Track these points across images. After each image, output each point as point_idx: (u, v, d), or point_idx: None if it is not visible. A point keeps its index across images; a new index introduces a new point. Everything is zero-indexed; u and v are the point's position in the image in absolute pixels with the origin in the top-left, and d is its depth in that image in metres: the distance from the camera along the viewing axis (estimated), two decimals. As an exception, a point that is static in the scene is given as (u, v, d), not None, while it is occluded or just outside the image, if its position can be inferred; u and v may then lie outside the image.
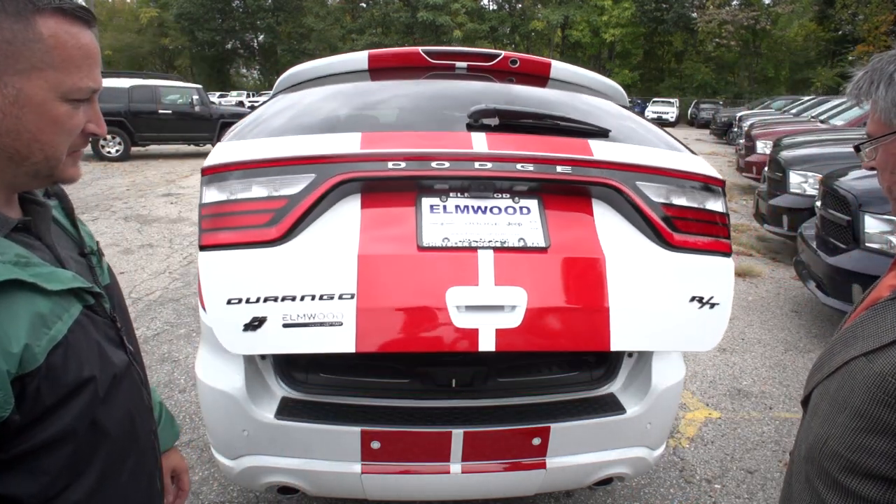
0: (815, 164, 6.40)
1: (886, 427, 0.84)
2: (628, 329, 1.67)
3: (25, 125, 0.77)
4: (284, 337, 1.56)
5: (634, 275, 1.71)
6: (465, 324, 1.59)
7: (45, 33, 0.76)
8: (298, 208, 1.64)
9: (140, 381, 1.01)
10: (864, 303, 1.05)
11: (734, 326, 4.87)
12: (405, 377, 2.20)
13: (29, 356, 0.74)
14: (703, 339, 1.76)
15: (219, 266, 1.60)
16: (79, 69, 0.80)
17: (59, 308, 0.80)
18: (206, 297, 1.59)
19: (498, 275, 1.63)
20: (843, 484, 0.90)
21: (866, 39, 27.01)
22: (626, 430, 2.11)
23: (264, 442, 1.98)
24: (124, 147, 13.81)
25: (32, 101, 0.77)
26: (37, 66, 0.76)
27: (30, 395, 0.74)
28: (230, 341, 1.59)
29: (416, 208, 1.73)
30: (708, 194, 1.88)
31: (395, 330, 1.59)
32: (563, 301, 1.67)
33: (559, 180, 1.76)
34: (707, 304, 1.73)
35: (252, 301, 1.55)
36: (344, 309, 1.56)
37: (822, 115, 12.00)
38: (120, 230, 7.45)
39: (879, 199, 4.18)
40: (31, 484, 0.77)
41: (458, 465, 2.00)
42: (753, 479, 2.93)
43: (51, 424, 0.77)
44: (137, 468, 0.95)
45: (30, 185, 0.86)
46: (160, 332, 4.48)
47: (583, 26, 42.11)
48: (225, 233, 1.63)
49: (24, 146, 0.79)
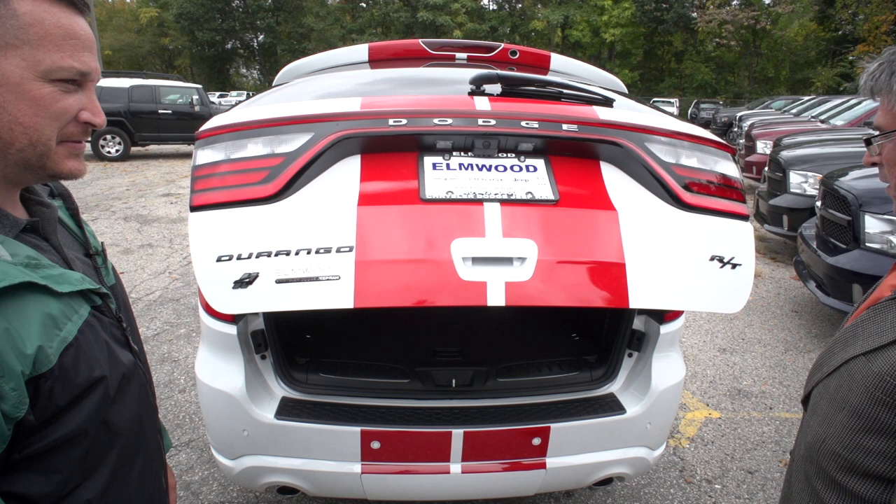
0: (815, 164, 6.40)
1: (884, 427, 0.84)
2: (647, 286, 1.55)
3: (4, 106, 0.75)
4: (278, 294, 1.44)
5: (649, 232, 1.62)
6: (472, 277, 1.48)
7: (20, 10, 0.75)
8: (295, 165, 1.58)
9: (146, 381, 1.02)
10: (866, 302, 1.04)
11: (734, 326, 4.87)
12: (405, 377, 2.20)
13: (42, 357, 0.74)
14: (728, 301, 1.63)
15: (210, 225, 1.51)
16: (59, 48, 0.78)
17: (69, 309, 0.80)
18: (195, 256, 1.48)
19: (506, 227, 1.53)
20: (840, 483, 0.90)
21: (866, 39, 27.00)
22: (626, 431, 2.11)
23: (264, 442, 1.98)
24: (124, 147, 13.82)
25: (9, 79, 0.75)
26: (11, 43, 0.74)
27: (43, 395, 0.75)
28: (219, 300, 1.45)
29: (419, 166, 1.66)
30: (719, 159, 1.81)
31: (397, 284, 1.47)
32: (576, 254, 1.56)
33: (566, 138, 1.69)
34: (728, 265, 1.62)
35: (244, 257, 1.45)
36: (342, 263, 1.46)
37: (822, 115, 12.00)
38: (120, 230, 7.45)
39: (879, 199, 4.18)
40: (44, 483, 0.77)
41: (458, 466, 2.00)
42: (753, 479, 2.93)
43: (64, 424, 0.78)
44: (146, 467, 0.96)
45: (25, 177, 0.84)
46: (160, 332, 4.48)
47: (583, 26, 42.12)
48: (217, 192, 1.56)
49: (6, 130, 0.77)
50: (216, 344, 2.02)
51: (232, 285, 1.44)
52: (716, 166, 1.80)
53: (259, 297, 1.44)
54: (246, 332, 2.04)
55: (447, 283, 1.46)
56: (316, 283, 1.44)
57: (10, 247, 0.78)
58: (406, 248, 1.51)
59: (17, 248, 0.78)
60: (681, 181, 1.71)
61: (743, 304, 1.63)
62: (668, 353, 2.23)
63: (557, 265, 1.53)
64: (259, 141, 1.62)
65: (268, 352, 2.09)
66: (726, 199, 1.75)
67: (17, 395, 0.71)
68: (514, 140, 1.70)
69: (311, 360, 2.26)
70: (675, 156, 1.75)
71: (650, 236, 1.61)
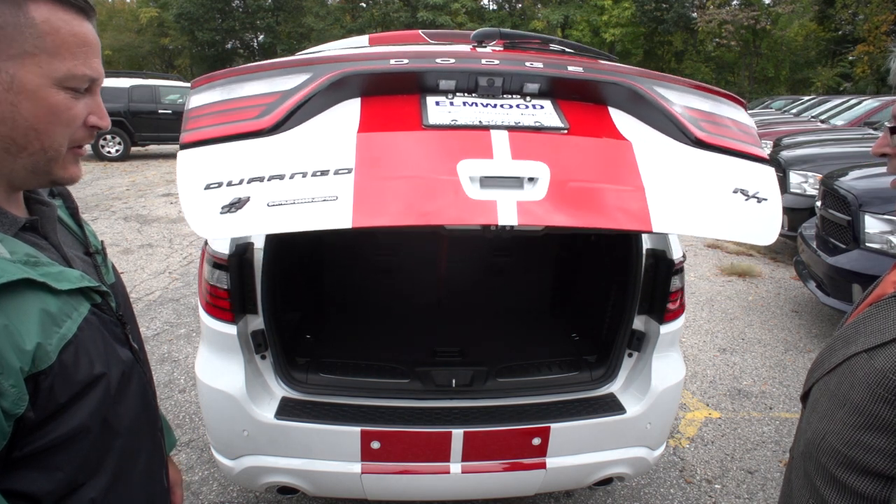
0: (815, 164, 6.41)
1: (885, 424, 0.84)
2: (670, 210, 1.44)
3: (21, 112, 0.77)
4: (269, 216, 1.33)
5: (666, 163, 1.53)
6: (480, 196, 1.38)
7: (38, 18, 0.76)
8: (291, 101, 1.51)
9: (147, 380, 1.02)
10: (868, 299, 1.04)
11: (734, 326, 4.87)
12: (405, 377, 2.20)
13: (41, 354, 0.74)
14: (759, 233, 1.50)
15: (199, 158, 1.42)
16: (74, 56, 0.79)
17: (68, 307, 0.80)
18: (181, 187, 1.37)
19: (515, 150, 1.45)
20: (840, 480, 0.90)
21: (866, 39, 26.98)
22: (625, 431, 2.11)
23: (264, 442, 1.98)
24: (124, 147, 13.82)
25: (26, 87, 0.76)
26: (29, 52, 0.76)
27: (43, 392, 0.75)
28: (204, 227, 1.32)
29: (421, 104, 1.60)
30: (732, 108, 1.75)
31: (400, 202, 1.37)
32: (591, 177, 1.47)
33: (572, 78, 1.64)
34: (753, 199, 1.52)
35: (234, 184, 1.35)
36: (340, 184, 1.36)
37: (822, 115, 12.01)
38: (120, 230, 7.45)
39: (879, 199, 4.18)
40: (46, 481, 0.77)
41: (458, 465, 2.00)
42: (753, 479, 2.92)
43: (65, 422, 0.78)
44: (148, 466, 0.97)
45: (28, 181, 0.84)
46: (160, 332, 4.48)
47: (583, 26, 42.10)
48: (208, 129, 1.48)
49: (21, 135, 0.78)
50: (216, 344, 2.02)
51: (220, 211, 1.33)
52: (729, 113, 1.73)
53: (249, 221, 1.33)
54: (246, 332, 2.04)
55: (454, 202, 1.37)
56: (311, 205, 1.34)
57: (9, 245, 0.78)
58: (408, 169, 1.43)
59: (16, 245, 0.79)
60: (695, 122, 1.63)
61: (775, 236, 1.49)
62: (668, 354, 2.23)
63: (572, 187, 1.43)
64: (255, 83, 1.57)
65: (268, 352, 2.09)
66: (743, 142, 1.65)
67: (16, 392, 0.72)
68: (519, 79, 1.64)
69: (311, 360, 2.26)
70: (686, 100, 1.69)
71: (668, 167, 1.51)
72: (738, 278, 6.09)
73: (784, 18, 35.36)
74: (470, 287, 3.17)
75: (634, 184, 1.45)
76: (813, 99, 16.95)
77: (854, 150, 6.53)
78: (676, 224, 1.43)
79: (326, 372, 2.18)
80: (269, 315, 2.05)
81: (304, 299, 2.98)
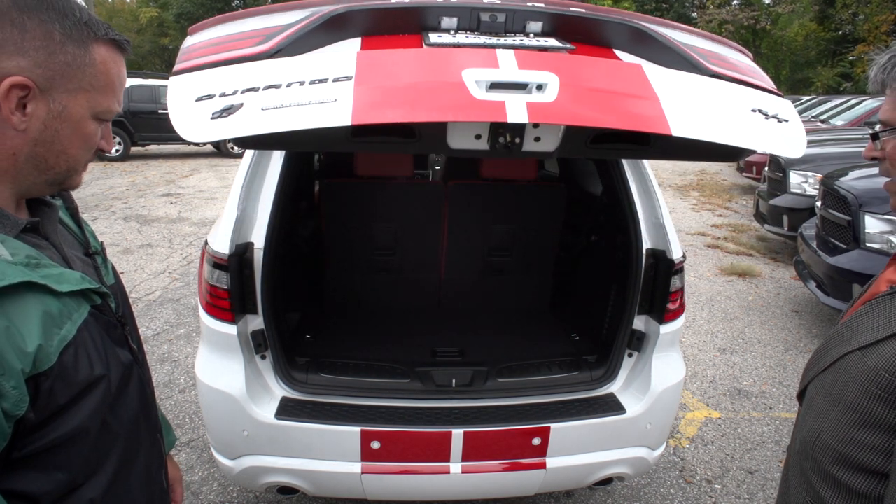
0: (815, 164, 6.40)
1: (878, 421, 0.84)
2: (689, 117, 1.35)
3: (60, 138, 0.85)
4: (263, 118, 1.26)
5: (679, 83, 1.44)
6: (487, 98, 1.31)
7: (98, 59, 0.85)
8: (291, 30, 1.46)
9: (145, 380, 1.03)
10: (862, 298, 1.04)
11: (734, 326, 4.87)
12: (405, 377, 2.20)
13: (42, 356, 0.76)
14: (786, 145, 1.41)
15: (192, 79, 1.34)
16: (114, 93, 0.89)
17: (69, 308, 0.82)
18: (171, 103, 1.30)
19: (521, 62, 1.38)
20: (835, 477, 0.91)
21: (867, 39, 26.97)
22: (626, 431, 2.11)
23: (264, 442, 1.98)
24: (124, 147, 13.81)
25: (72, 117, 0.85)
26: (84, 88, 0.85)
27: (44, 393, 0.76)
28: (193, 131, 1.24)
29: (423, 39, 1.55)
30: (738, 54, 1.69)
31: (403, 101, 1.30)
32: (603, 86, 1.39)
33: (576, 16, 1.59)
34: (774, 118, 1.44)
35: (227, 94, 1.28)
36: (339, 89, 1.28)
37: (822, 115, 12.01)
38: (119, 230, 7.45)
39: (879, 199, 4.18)
40: (46, 482, 0.78)
41: (458, 465, 2.00)
42: (753, 479, 2.93)
43: (64, 423, 0.79)
44: (147, 466, 0.98)
45: (43, 191, 0.91)
46: (160, 332, 4.48)
47: (583, 26, 42.14)
48: (203, 58, 1.41)
49: (54, 157, 0.86)
50: (216, 344, 2.02)
51: (210, 116, 1.25)
52: (738, 57, 1.68)
53: (241, 124, 1.25)
54: (246, 332, 2.04)
55: (460, 101, 1.29)
56: (308, 107, 1.27)
57: (11, 246, 0.79)
58: (411, 77, 1.36)
59: (18, 247, 0.80)
60: (705, 58, 1.56)
61: (802, 149, 1.39)
62: (668, 354, 2.23)
63: (583, 92, 1.36)
64: (254, 19, 1.53)
65: (268, 352, 2.09)
66: (756, 80, 1.59)
67: (17, 394, 0.73)
68: (522, 17, 1.59)
69: (311, 360, 2.26)
70: (694, 41, 1.63)
71: (682, 87, 1.42)
72: (738, 278, 6.10)
73: (784, 18, 35.37)
74: (470, 287, 3.17)
75: (648, 95, 1.36)
76: (813, 99, 16.96)
77: (854, 150, 6.53)
78: (697, 129, 1.33)
79: (326, 372, 2.18)
80: (269, 315, 2.05)
81: (304, 299, 2.98)
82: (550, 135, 1.56)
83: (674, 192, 10.90)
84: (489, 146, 1.55)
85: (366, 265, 3.05)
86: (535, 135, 1.55)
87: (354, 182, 2.85)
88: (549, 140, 1.57)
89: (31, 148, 0.83)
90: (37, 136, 0.82)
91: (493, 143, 1.54)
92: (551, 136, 1.57)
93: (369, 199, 2.89)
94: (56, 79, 0.81)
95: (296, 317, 2.74)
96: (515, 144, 1.54)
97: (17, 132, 0.80)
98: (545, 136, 1.56)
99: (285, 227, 2.25)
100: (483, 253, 3.07)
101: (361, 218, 2.92)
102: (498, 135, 1.53)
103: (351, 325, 2.88)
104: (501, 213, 2.98)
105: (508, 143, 1.53)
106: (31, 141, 0.82)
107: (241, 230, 2.01)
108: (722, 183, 12.08)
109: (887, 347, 0.85)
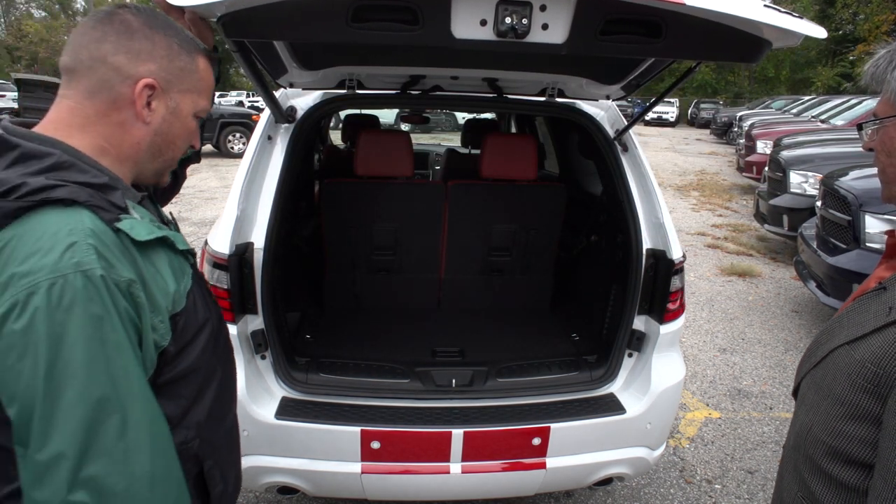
0: (815, 164, 6.40)
1: (865, 413, 0.85)
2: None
3: (172, 130, 1.02)
4: None
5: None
6: None
7: (201, 66, 1.04)
8: None
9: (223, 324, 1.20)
10: (853, 295, 1.07)
11: (734, 326, 4.87)
12: (405, 377, 2.20)
13: (178, 298, 0.94)
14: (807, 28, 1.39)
15: None
16: (208, 97, 1.08)
17: (184, 263, 1.00)
18: None
19: None
20: (825, 470, 0.92)
21: (867, 39, 26.95)
22: (625, 431, 2.11)
23: (264, 442, 1.98)
24: (124, 147, 13.82)
25: (182, 113, 1.02)
26: (190, 90, 1.02)
27: (178, 330, 0.94)
28: None
29: None
30: None
31: None
32: None
33: None
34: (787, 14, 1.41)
35: None
36: None
37: (822, 115, 12.00)
38: (120, 230, 7.45)
39: (879, 200, 4.17)
40: (173, 407, 0.95)
41: (458, 465, 2.00)
42: (753, 479, 2.93)
43: (188, 356, 0.97)
44: (231, 393, 1.17)
45: (149, 179, 1.08)
46: (160, 331, 4.48)
47: (583, 26, 42.13)
48: None
49: (166, 146, 1.03)
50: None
51: None
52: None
53: None
54: (246, 332, 2.04)
55: None
56: None
57: (139, 211, 0.96)
58: None
59: (144, 212, 0.97)
60: None
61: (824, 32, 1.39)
62: (668, 354, 2.23)
63: None
64: None
65: (268, 352, 2.09)
66: None
67: (164, 327, 0.90)
68: None
69: (311, 360, 2.26)
70: None
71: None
72: (738, 278, 6.10)
73: (784, 18, 35.27)
74: (470, 287, 3.17)
75: None
76: (813, 99, 16.95)
77: (854, 150, 6.52)
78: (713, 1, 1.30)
79: (326, 372, 2.18)
80: (269, 315, 2.05)
81: (304, 299, 2.98)
82: (559, 19, 1.46)
83: (674, 192, 10.90)
84: (495, 34, 1.47)
85: (366, 265, 3.05)
86: (542, 21, 1.47)
87: (354, 182, 2.85)
88: (558, 28, 1.48)
89: (152, 138, 1.00)
90: (157, 127, 0.99)
91: (498, 29, 1.45)
92: (560, 20, 1.46)
93: (369, 198, 2.89)
94: (173, 81, 0.99)
95: (296, 317, 2.74)
96: (523, 26, 1.44)
97: (143, 125, 0.98)
98: (553, 21, 1.46)
99: (285, 227, 2.26)
100: (483, 253, 3.07)
101: (361, 218, 2.92)
102: (504, 15, 1.44)
103: (351, 325, 2.88)
104: (501, 213, 2.98)
105: (515, 25, 1.44)
106: (152, 132, 0.99)
107: (241, 230, 2.01)
108: (722, 183, 12.09)
109: (873, 340, 0.87)
